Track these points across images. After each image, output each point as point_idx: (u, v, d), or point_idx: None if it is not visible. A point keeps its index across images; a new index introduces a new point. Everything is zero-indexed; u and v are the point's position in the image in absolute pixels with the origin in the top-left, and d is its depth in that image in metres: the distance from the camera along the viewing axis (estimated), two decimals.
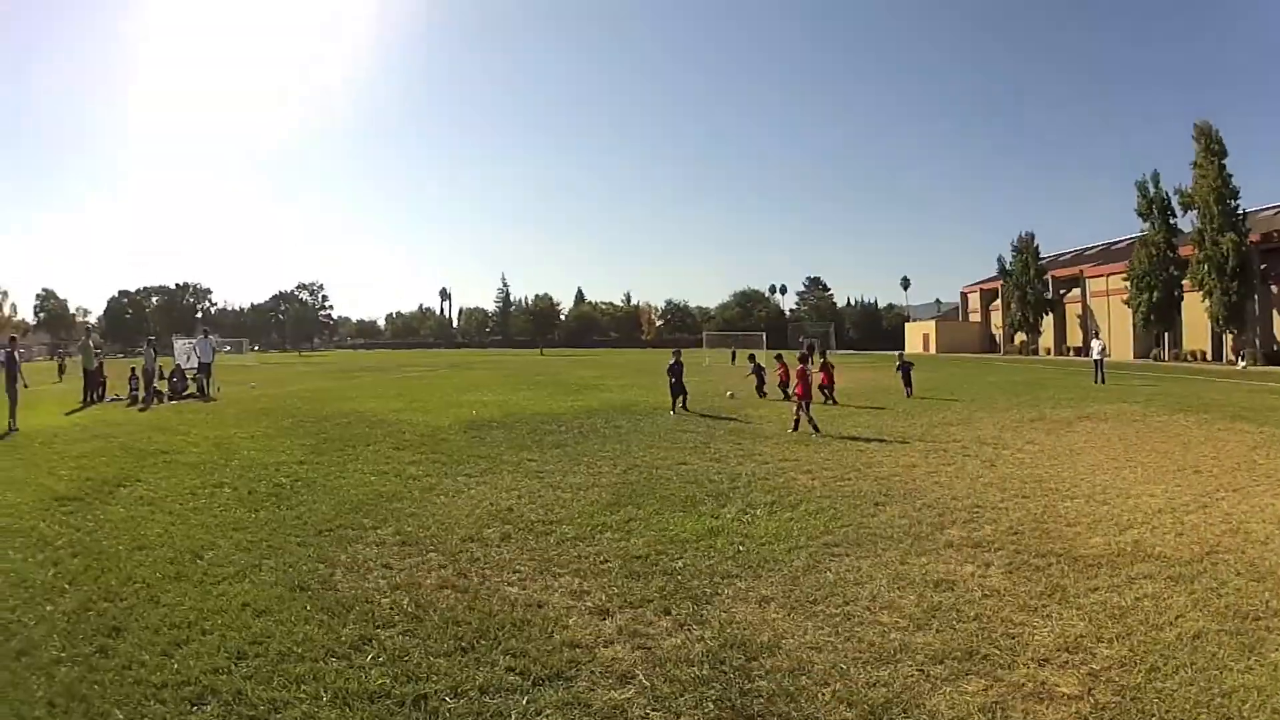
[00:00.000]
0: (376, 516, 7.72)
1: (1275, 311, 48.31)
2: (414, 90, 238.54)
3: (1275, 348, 46.75)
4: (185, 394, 22.82)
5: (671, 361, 17.63)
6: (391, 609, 5.23)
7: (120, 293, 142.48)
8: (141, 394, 21.44)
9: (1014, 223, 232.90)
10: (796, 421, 13.60)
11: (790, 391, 16.24)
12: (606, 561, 6.09)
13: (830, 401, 19.32)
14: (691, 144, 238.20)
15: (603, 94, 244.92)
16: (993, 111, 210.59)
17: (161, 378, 23.07)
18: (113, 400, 22.24)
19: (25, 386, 16.69)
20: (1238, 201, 45.04)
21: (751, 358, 23.13)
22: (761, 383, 21.81)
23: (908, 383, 21.30)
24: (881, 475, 9.45)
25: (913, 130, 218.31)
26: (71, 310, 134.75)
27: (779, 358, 20.96)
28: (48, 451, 12.55)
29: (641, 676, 4.15)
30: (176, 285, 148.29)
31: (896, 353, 18.82)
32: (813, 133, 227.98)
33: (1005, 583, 5.52)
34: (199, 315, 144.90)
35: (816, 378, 17.78)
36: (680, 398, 17.21)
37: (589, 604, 5.16)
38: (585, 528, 7.16)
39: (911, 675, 4.06)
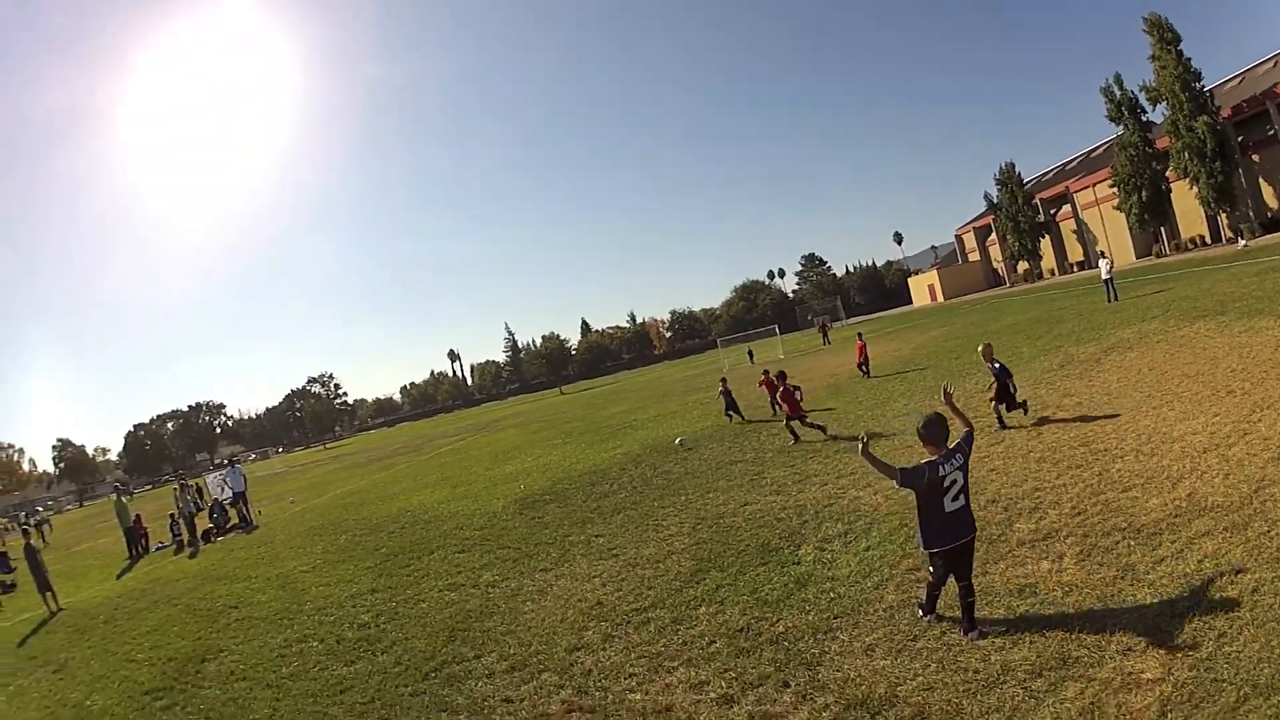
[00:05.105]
0: (475, 643, 8.29)
1: (1261, 180, 52.30)
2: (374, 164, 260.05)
3: (1269, 215, 50.85)
4: (230, 527, 24.10)
5: None
6: None
7: (136, 426, 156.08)
8: (186, 538, 22.99)
9: (992, 151, 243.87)
10: (794, 434, 15.06)
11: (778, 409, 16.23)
12: (712, 643, 6.89)
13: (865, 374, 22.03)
14: (662, 149, 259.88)
15: (567, 123, 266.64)
16: (948, 44, 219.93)
17: (200, 511, 24.89)
18: (158, 549, 23.61)
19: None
20: (1201, 84, 49.06)
21: (724, 380, 21.82)
22: (731, 405, 20.73)
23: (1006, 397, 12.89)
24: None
25: (872, 84, 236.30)
26: (90, 452, 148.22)
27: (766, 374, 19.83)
28: (114, 631, 12.99)
29: None
30: (190, 407, 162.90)
31: (981, 349, 13.64)
32: (779, 109, 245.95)
33: (1080, 574, 6.42)
34: (218, 431, 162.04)
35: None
36: None
37: (712, 694, 5.92)
38: (679, 607, 7.95)
39: (1017, 694, 4.91)
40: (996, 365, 12.80)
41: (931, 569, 6.08)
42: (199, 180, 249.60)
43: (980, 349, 13.76)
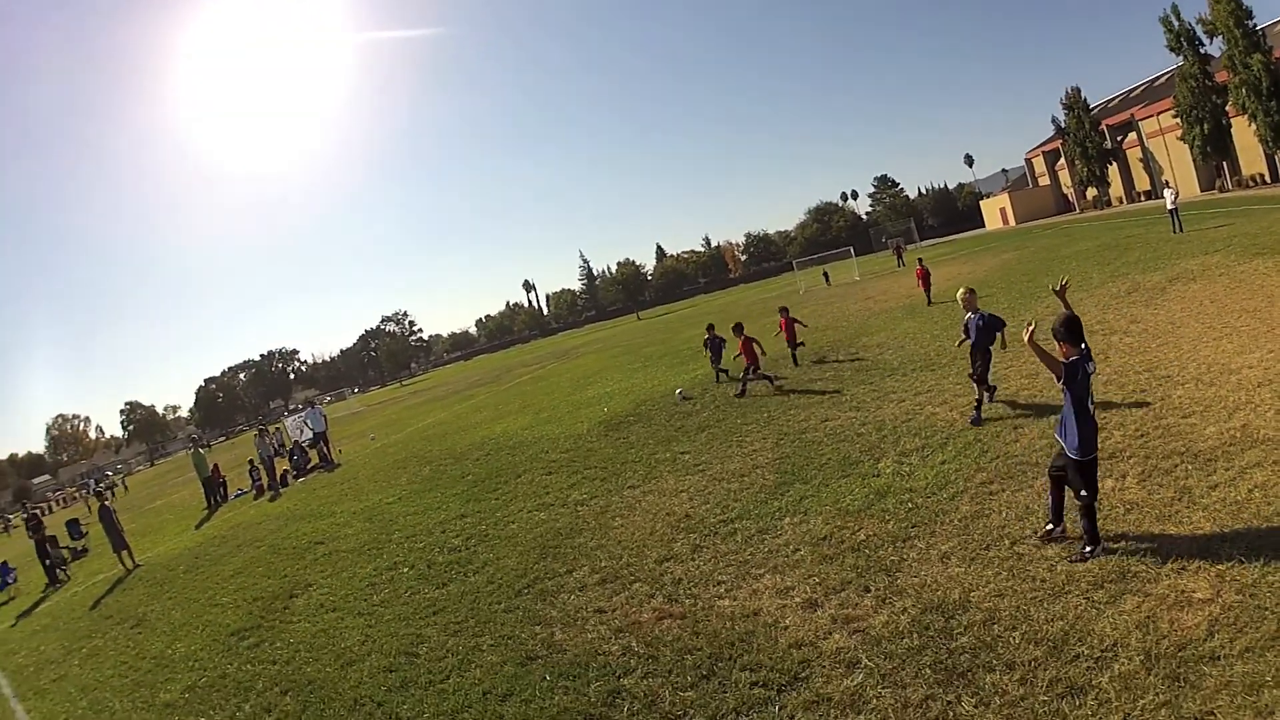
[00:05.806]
0: (566, 559, 8.85)
1: None
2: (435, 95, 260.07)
3: None
4: (311, 468, 24.37)
5: None
6: (624, 655, 6.20)
7: (206, 380, 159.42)
8: (266, 482, 23.14)
9: (1059, 74, 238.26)
10: (743, 387, 15.21)
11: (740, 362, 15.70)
12: (797, 550, 7.49)
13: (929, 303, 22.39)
14: (733, 72, 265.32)
15: (635, 48, 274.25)
16: None
17: (280, 455, 24.95)
18: (237, 496, 23.95)
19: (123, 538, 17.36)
20: (1253, 20, 48.17)
21: (710, 328, 19.50)
22: (718, 358, 18.80)
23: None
24: (1008, 393, 10.89)
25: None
26: (160, 412, 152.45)
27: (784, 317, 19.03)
28: (196, 580, 13.19)
29: (865, 659, 5.26)
30: (261, 356, 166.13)
31: (961, 294, 10.81)
32: (848, 31, 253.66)
33: (1141, 493, 6.92)
34: (292, 377, 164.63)
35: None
36: None
37: (797, 599, 6.51)
38: (764, 518, 8.54)
39: (1080, 604, 5.39)
40: (980, 318, 10.25)
41: (1089, 479, 5.96)
42: (266, 130, 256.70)
43: (960, 294, 10.92)
